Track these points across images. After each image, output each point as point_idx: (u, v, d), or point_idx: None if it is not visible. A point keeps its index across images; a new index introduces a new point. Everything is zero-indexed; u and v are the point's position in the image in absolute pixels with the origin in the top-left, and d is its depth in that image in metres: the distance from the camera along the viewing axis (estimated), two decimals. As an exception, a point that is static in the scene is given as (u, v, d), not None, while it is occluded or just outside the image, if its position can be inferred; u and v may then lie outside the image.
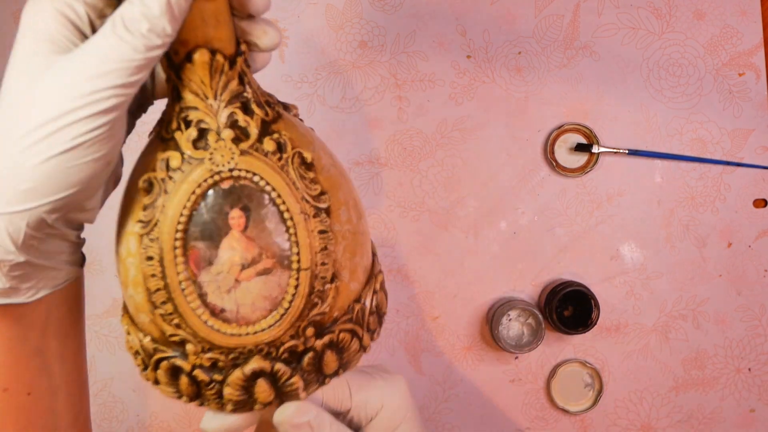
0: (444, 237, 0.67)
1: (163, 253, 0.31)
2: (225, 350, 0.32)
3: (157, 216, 0.31)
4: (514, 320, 0.64)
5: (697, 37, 0.67)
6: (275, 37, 0.33)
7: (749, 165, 0.67)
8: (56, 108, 0.28)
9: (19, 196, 0.29)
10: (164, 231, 0.31)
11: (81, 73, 0.28)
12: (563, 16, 0.67)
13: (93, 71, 0.28)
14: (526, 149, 0.67)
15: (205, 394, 0.33)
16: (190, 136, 0.31)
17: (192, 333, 0.31)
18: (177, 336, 0.32)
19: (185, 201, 0.31)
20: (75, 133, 0.28)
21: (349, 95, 0.67)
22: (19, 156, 0.29)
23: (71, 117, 0.28)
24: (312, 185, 0.32)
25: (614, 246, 0.67)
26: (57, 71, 0.28)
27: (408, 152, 0.67)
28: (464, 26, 0.67)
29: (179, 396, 0.33)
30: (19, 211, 0.30)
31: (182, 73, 0.31)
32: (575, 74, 0.66)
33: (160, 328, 0.32)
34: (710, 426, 0.67)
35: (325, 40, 0.67)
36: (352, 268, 0.34)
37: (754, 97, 0.66)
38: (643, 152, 0.66)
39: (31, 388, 0.38)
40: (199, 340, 0.31)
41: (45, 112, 0.28)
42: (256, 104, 0.32)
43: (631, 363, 0.67)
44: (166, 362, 0.33)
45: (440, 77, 0.67)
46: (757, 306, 0.67)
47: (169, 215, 0.31)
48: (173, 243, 0.31)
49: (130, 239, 0.33)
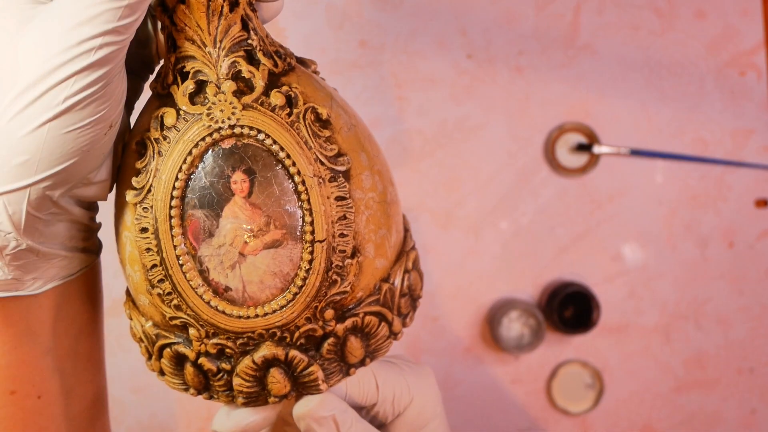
0: (444, 237, 0.67)
1: (158, 223, 0.27)
2: (232, 335, 0.28)
3: (150, 181, 0.27)
4: (515, 321, 0.63)
5: (699, 37, 0.66)
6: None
7: (751, 165, 0.66)
8: (41, 66, 0.24)
9: (14, 172, 0.25)
10: (158, 198, 0.27)
11: (65, 21, 0.24)
12: (564, 16, 0.66)
13: (78, 18, 0.24)
14: (526, 149, 0.67)
15: (212, 385, 0.29)
16: (186, 90, 0.27)
17: (194, 315, 0.28)
18: (178, 319, 0.28)
19: (180, 163, 0.27)
20: (66, 93, 0.24)
21: (349, 95, 0.67)
22: (8, 126, 0.25)
23: (59, 74, 0.24)
24: (328, 144, 0.28)
25: (615, 246, 0.67)
26: (39, 23, 0.25)
27: (408, 152, 0.67)
28: (464, 26, 0.67)
29: (186, 388, 0.30)
30: (16, 188, 0.26)
31: (176, 16, 0.27)
32: (576, 74, 0.66)
33: (160, 310, 0.29)
34: (712, 427, 0.67)
35: (325, 39, 0.67)
36: (377, 242, 0.29)
37: (755, 97, 0.66)
38: (645, 152, 0.66)
39: (41, 391, 0.33)
40: (202, 323, 0.28)
41: (30, 72, 0.24)
42: (262, 53, 0.28)
43: (632, 363, 0.67)
44: (169, 349, 0.29)
45: (440, 77, 0.67)
46: (759, 306, 0.67)
47: (162, 180, 0.27)
48: (168, 212, 0.27)
49: (125, 211, 0.29)
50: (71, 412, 0.34)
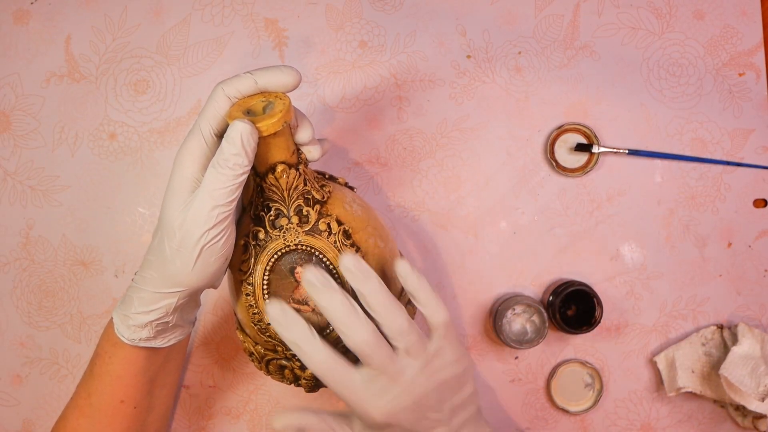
0: (444, 237, 0.67)
1: (255, 290, 0.48)
2: None
3: (251, 269, 0.48)
4: (519, 315, 0.63)
5: (697, 37, 0.67)
6: (318, 154, 0.50)
7: (749, 165, 0.67)
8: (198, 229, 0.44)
9: (175, 283, 0.46)
10: (256, 277, 0.48)
11: (203, 201, 0.43)
12: (563, 16, 0.67)
13: (209, 198, 0.43)
14: (526, 149, 0.67)
15: (300, 378, 0.51)
16: (270, 219, 0.48)
17: (277, 341, 0.49)
18: (271, 343, 0.49)
19: (267, 261, 0.48)
20: (204, 242, 0.44)
21: (349, 95, 0.67)
22: (173, 259, 0.45)
23: (205, 236, 0.44)
24: (349, 248, 0.48)
25: (614, 246, 0.67)
26: (195, 203, 0.44)
27: (408, 152, 0.67)
28: (464, 26, 0.67)
29: (284, 381, 0.52)
30: (174, 291, 0.46)
31: (266, 179, 0.48)
32: (575, 74, 0.67)
33: (261, 337, 0.50)
34: (711, 426, 0.67)
35: (325, 40, 0.67)
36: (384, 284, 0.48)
37: (754, 97, 0.66)
38: (644, 152, 0.66)
39: (137, 403, 0.52)
40: (282, 346, 0.49)
41: (190, 234, 0.44)
42: (314, 191, 0.48)
43: (631, 363, 0.67)
44: (274, 363, 0.51)
45: (440, 77, 0.67)
46: (758, 306, 0.67)
47: (258, 269, 0.48)
48: (262, 285, 0.48)
49: (236, 283, 0.50)
50: (148, 421, 0.55)
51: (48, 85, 0.67)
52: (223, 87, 0.45)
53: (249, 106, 0.45)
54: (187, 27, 0.67)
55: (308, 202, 0.48)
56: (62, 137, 0.67)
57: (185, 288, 0.46)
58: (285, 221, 0.47)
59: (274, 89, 0.46)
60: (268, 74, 0.45)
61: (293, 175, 0.47)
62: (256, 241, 0.48)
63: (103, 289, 0.67)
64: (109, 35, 0.67)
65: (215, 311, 0.67)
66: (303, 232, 0.47)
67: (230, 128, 0.43)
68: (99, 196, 0.67)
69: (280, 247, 0.47)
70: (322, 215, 0.48)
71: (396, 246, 0.55)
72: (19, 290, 0.67)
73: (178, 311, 0.48)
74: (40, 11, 0.67)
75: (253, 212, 0.49)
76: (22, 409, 0.67)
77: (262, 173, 0.48)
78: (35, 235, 0.67)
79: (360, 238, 0.49)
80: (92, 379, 0.52)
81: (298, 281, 0.48)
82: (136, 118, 0.67)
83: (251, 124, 0.43)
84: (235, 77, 0.45)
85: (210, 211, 0.43)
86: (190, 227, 0.44)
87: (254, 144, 0.43)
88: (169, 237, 0.44)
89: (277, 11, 0.67)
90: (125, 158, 0.67)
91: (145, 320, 0.48)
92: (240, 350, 0.67)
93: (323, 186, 0.50)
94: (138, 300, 0.47)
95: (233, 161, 0.42)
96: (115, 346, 0.50)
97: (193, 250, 0.44)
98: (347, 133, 0.67)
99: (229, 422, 0.67)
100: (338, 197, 0.50)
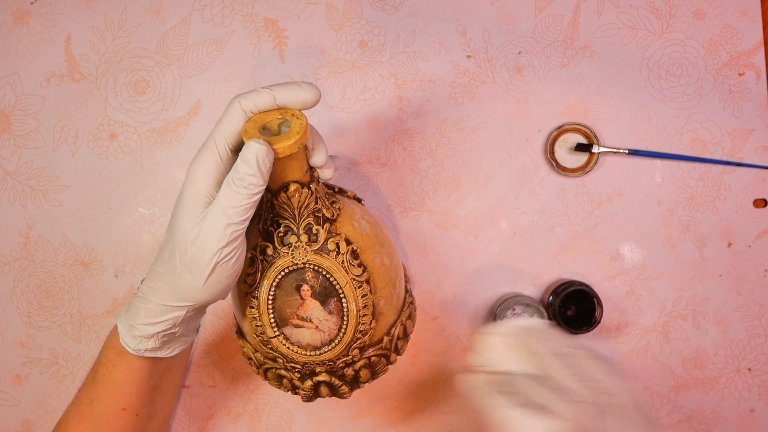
0: (444, 237, 0.67)
1: (260, 304, 0.48)
2: (299, 364, 0.49)
3: (257, 283, 0.48)
4: (519, 315, 0.63)
5: (697, 37, 0.67)
6: (330, 174, 0.49)
7: (749, 165, 0.67)
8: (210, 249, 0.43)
9: (185, 297, 0.46)
10: (261, 292, 0.48)
11: (217, 219, 0.43)
12: (563, 16, 0.67)
13: (223, 215, 0.43)
14: (526, 149, 0.67)
15: (298, 388, 0.51)
16: (279, 235, 0.48)
17: (279, 353, 0.49)
18: (271, 354, 0.50)
19: (274, 278, 0.47)
20: (218, 259, 0.44)
21: (349, 95, 0.67)
22: (183, 273, 0.44)
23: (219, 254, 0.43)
24: (357, 268, 0.48)
25: (614, 246, 0.67)
26: (209, 219, 0.43)
27: (408, 152, 0.67)
28: (464, 26, 0.67)
29: (281, 389, 0.52)
30: (184, 305, 0.46)
31: (278, 197, 0.47)
32: (575, 74, 0.66)
33: (262, 348, 0.50)
34: (710, 426, 0.67)
35: (325, 40, 0.67)
36: (384, 311, 0.51)
37: (754, 97, 0.66)
38: (643, 152, 0.66)
39: (138, 411, 0.53)
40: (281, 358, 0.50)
41: (204, 251, 0.43)
42: (325, 209, 0.48)
43: (631, 363, 0.67)
44: (273, 371, 0.51)
45: (440, 77, 0.67)
46: (757, 306, 0.67)
47: (264, 284, 0.48)
48: (267, 300, 0.48)
49: (241, 295, 0.50)
50: (148, 428, 0.55)
51: (48, 85, 0.67)
52: (240, 101, 0.44)
53: (265, 122, 0.44)
54: (187, 27, 0.67)
55: (318, 221, 0.48)
56: (62, 137, 0.67)
57: (194, 303, 0.46)
58: (294, 239, 0.47)
59: (293, 107, 0.44)
60: (288, 91, 0.44)
61: (305, 194, 0.47)
62: (263, 256, 0.48)
63: (103, 289, 0.67)
64: (109, 35, 0.67)
65: (216, 312, 0.67)
66: (312, 251, 0.47)
67: (246, 148, 0.41)
68: (99, 196, 0.67)
69: (288, 264, 0.47)
70: (331, 234, 0.48)
71: (400, 261, 0.55)
72: (19, 290, 0.67)
73: (184, 323, 0.48)
74: (40, 11, 0.67)
75: (262, 226, 0.49)
76: (22, 409, 0.68)
77: (274, 191, 0.47)
78: (35, 235, 0.67)
79: (367, 258, 0.49)
80: (95, 386, 0.52)
81: (304, 299, 0.47)
82: (136, 118, 0.67)
83: (267, 146, 0.41)
84: (254, 91, 0.44)
85: (224, 229, 0.42)
86: (203, 244, 0.43)
87: (269, 165, 0.42)
88: (181, 251, 0.44)
89: (277, 11, 0.67)
90: (125, 158, 0.67)
91: (152, 331, 0.47)
92: (240, 351, 0.67)
93: (333, 203, 0.49)
94: (144, 311, 0.47)
95: (248, 181, 0.42)
96: (119, 355, 0.50)
97: (206, 267, 0.43)
98: (347, 133, 0.67)
99: (229, 422, 0.67)
100: (347, 214, 0.50)
